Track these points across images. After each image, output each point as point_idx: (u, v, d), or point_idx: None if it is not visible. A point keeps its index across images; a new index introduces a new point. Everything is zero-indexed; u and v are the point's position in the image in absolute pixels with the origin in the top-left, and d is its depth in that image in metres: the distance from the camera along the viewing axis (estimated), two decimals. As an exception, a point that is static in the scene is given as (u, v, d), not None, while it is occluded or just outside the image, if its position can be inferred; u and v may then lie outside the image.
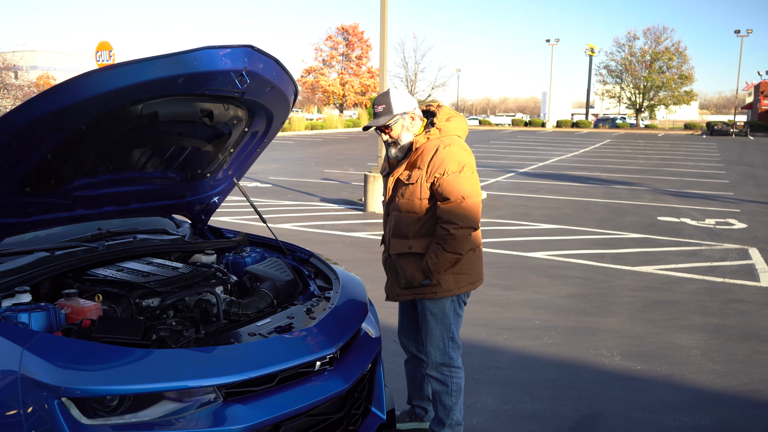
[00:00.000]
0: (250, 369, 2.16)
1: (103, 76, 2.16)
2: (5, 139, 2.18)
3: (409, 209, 2.96)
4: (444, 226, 2.86)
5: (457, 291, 2.99)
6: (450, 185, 2.86)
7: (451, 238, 2.84)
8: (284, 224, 9.32)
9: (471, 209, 2.87)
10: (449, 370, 3.06)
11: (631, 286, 6.40)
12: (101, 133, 2.44)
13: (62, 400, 1.90)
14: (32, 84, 38.91)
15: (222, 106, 2.70)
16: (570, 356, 4.49)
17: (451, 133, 2.98)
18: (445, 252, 2.87)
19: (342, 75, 57.61)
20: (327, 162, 20.61)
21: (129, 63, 2.21)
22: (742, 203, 12.42)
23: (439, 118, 3.02)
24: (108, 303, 2.57)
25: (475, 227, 2.92)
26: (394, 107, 2.93)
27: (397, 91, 3.00)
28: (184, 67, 2.28)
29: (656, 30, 61.24)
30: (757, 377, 4.18)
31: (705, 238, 8.84)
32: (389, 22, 11.22)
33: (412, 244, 2.97)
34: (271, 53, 2.62)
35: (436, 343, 3.04)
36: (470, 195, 2.87)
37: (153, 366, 2.06)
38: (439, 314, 3.02)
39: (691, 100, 63.65)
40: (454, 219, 2.84)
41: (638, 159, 23.54)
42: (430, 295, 2.98)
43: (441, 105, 3.13)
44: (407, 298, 3.09)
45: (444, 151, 2.89)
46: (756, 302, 5.87)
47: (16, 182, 2.40)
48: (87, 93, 2.17)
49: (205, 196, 3.44)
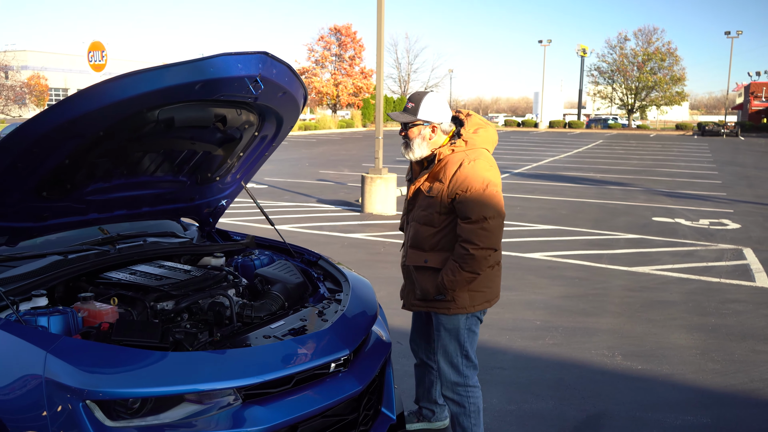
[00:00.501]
0: (268, 371, 2.20)
1: (122, 84, 2.20)
2: (25, 145, 2.22)
3: (427, 222, 2.88)
4: (464, 245, 2.75)
5: (472, 309, 2.89)
6: (472, 204, 2.73)
7: (470, 257, 2.74)
8: (282, 226, 9.34)
9: (493, 230, 2.75)
10: (465, 390, 2.96)
11: (629, 286, 6.47)
12: (118, 138, 2.49)
13: (86, 403, 1.93)
14: (23, 84, 38.69)
15: (235, 111, 2.74)
16: (572, 356, 4.55)
17: (478, 146, 2.86)
18: (463, 271, 2.77)
19: (335, 75, 57.59)
20: (322, 163, 20.63)
21: (147, 70, 2.25)
22: (735, 203, 12.55)
23: (467, 129, 2.88)
24: (123, 306, 2.59)
25: (496, 248, 2.80)
26: (421, 112, 2.83)
27: (433, 98, 2.85)
28: (201, 73, 2.33)
29: (647, 31, 61.59)
30: (756, 376, 4.25)
31: (699, 239, 8.94)
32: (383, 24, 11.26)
33: (429, 258, 2.89)
34: (283, 59, 2.67)
35: (449, 360, 2.96)
36: (493, 215, 2.74)
37: (173, 369, 2.09)
38: (452, 330, 2.94)
39: (683, 101, 64.13)
40: (475, 239, 2.72)
41: (631, 159, 23.71)
42: (443, 310, 2.91)
43: (471, 113, 2.98)
44: (421, 309, 3.04)
45: (468, 166, 2.77)
46: (752, 302, 5.95)
47: (33, 187, 2.43)
48: (106, 100, 2.21)
49: (213, 199, 3.47)
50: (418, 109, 2.82)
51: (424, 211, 2.88)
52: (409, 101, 2.85)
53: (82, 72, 56.37)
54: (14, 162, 2.28)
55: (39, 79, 52.85)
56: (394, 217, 10.45)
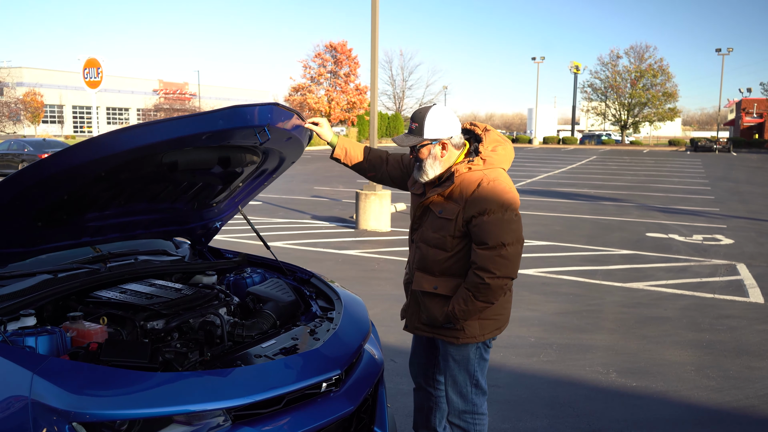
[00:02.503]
0: (258, 391, 2.17)
1: (133, 134, 2.26)
2: (24, 187, 2.26)
3: (439, 245, 2.65)
4: (479, 274, 2.53)
5: (482, 338, 2.72)
6: (490, 228, 2.52)
7: (485, 287, 2.53)
8: (276, 242, 9.32)
9: (511, 257, 2.54)
10: (472, 417, 2.82)
11: (623, 302, 6.46)
12: (120, 177, 2.54)
13: (73, 425, 1.90)
14: (18, 101, 38.71)
15: (239, 153, 2.83)
16: (566, 373, 4.52)
17: (497, 165, 2.64)
18: (476, 301, 2.57)
19: (330, 92, 57.87)
20: (316, 179, 20.64)
21: (158, 122, 2.30)
22: (729, 219, 12.60)
23: (485, 147, 2.65)
24: (113, 326, 2.57)
25: (514, 277, 2.59)
26: (427, 131, 2.59)
27: (437, 113, 2.61)
28: (210, 125, 2.39)
29: (639, 48, 62.32)
30: (752, 393, 4.23)
31: (693, 254, 8.96)
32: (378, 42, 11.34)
33: (438, 284, 2.67)
34: (292, 108, 2.76)
35: (458, 390, 2.80)
36: (512, 242, 2.53)
37: (162, 390, 2.06)
38: (462, 360, 2.76)
39: (675, 117, 64.70)
40: (491, 267, 2.51)
41: (625, 175, 23.82)
42: (451, 339, 2.72)
43: (489, 128, 2.75)
44: (427, 335, 2.84)
45: (487, 187, 2.55)
46: (746, 318, 5.95)
47: (29, 217, 2.45)
48: (117, 149, 2.26)
49: (208, 222, 3.48)
50: (423, 128, 2.59)
51: (436, 233, 2.66)
52: (413, 121, 2.64)
53: (78, 89, 56.53)
54: (14, 199, 2.30)
55: (35, 95, 52.90)
56: (389, 233, 10.44)
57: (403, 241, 9.74)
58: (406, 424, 3.72)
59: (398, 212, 12.79)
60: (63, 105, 65.85)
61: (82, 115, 68.14)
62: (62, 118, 65.74)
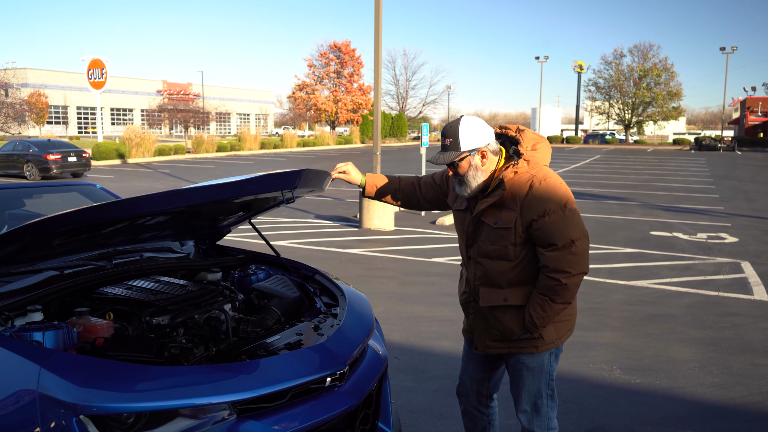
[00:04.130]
0: (263, 386, 2.18)
1: (159, 198, 2.30)
2: (48, 234, 2.33)
3: (501, 256, 2.54)
4: (553, 276, 2.45)
5: (559, 342, 2.64)
6: (555, 228, 2.44)
7: (562, 288, 2.45)
8: (281, 241, 9.34)
9: (582, 252, 2.47)
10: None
11: (627, 300, 6.46)
12: (141, 220, 2.67)
13: (80, 418, 1.92)
14: (23, 102, 38.84)
15: (262, 200, 2.98)
16: (571, 370, 4.53)
17: (541, 164, 2.56)
18: (555, 304, 2.48)
19: (335, 92, 57.93)
20: (320, 179, 20.67)
21: (186, 191, 2.35)
22: (733, 217, 12.57)
23: (525, 147, 2.57)
24: (119, 321, 2.59)
25: (587, 271, 2.51)
26: (462, 143, 2.50)
27: (469, 123, 2.53)
28: (239, 191, 2.49)
29: (643, 47, 62.15)
30: (755, 389, 4.23)
31: (697, 252, 8.95)
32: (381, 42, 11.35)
33: (508, 296, 2.56)
34: (321, 169, 2.88)
35: (533, 403, 2.67)
36: (580, 236, 2.47)
37: (168, 384, 2.08)
38: (537, 369, 2.64)
39: (679, 116, 64.53)
40: (565, 267, 2.43)
41: (629, 174, 23.78)
42: (530, 349, 2.60)
43: (522, 129, 2.64)
44: (501, 351, 2.69)
45: (540, 187, 2.47)
46: (750, 315, 5.94)
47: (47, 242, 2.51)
48: (142, 210, 2.33)
49: (216, 231, 3.55)
50: (459, 141, 2.50)
51: (495, 245, 2.54)
52: (445, 137, 2.55)
53: (83, 89, 56.75)
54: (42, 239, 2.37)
55: (39, 96, 53.09)
56: (392, 232, 10.46)
57: (407, 239, 9.76)
58: (411, 420, 3.74)
59: (401, 211, 12.80)
60: (68, 106, 66.07)
61: (87, 115, 68.39)
62: (67, 119, 65.96)
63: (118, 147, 29.89)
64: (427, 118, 75.07)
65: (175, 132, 65.58)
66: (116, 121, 71.03)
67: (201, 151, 35.22)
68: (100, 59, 33.39)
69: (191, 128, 41.74)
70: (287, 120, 68.84)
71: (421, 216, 12.24)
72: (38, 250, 2.56)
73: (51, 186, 4.33)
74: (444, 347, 4.99)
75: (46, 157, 19.86)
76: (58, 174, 20.11)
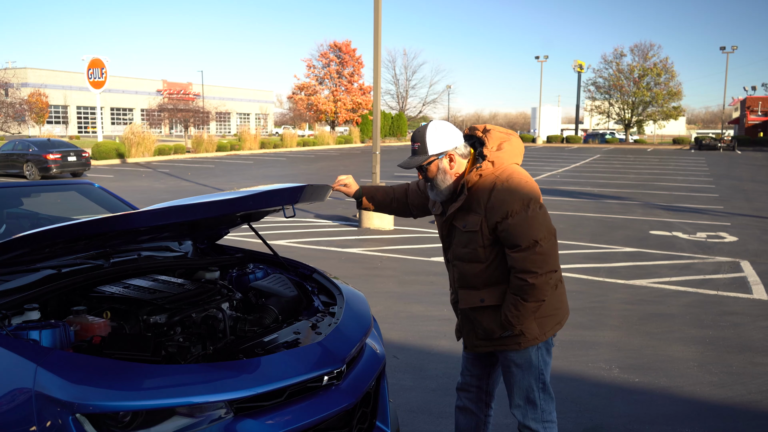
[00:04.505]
0: (260, 384, 2.18)
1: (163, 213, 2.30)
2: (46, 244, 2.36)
3: (472, 259, 2.58)
4: (520, 276, 2.46)
5: (544, 337, 2.63)
6: (518, 229, 2.45)
7: (530, 288, 2.45)
8: (280, 240, 9.34)
9: (548, 252, 2.46)
10: (543, 426, 2.69)
11: (626, 299, 6.45)
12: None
13: (76, 417, 1.92)
14: (23, 101, 38.82)
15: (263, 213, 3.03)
16: (569, 369, 4.52)
17: (506, 163, 2.56)
18: (526, 303, 2.49)
19: (335, 92, 57.93)
20: (320, 178, 20.66)
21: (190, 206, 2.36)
22: (732, 216, 12.56)
23: (489, 148, 2.56)
24: (116, 320, 2.58)
25: (556, 269, 2.52)
26: (430, 147, 2.54)
27: (436, 127, 2.57)
28: (241, 207, 2.49)
29: (643, 47, 62.13)
30: (754, 388, 4.23)
31: (697, 252, 8.94)
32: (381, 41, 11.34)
33: (484, 297, 2.60)
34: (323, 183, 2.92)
35: (526, 397, 2.68)
36: (544, 236, 2.46)
37: (165, 382, 2.08)
38: (525, 365, 2.65)
39: (679, 115, 64.51)
40: (531, 267, 2.44)
41: (629, 174, 23.77)
42: (513, 346, 2.63)
43: (489, 128, 2.64)
44: (487, 350, 2.74)
45: (502, 188, 2.48)
46: (749, 314, 5.94)
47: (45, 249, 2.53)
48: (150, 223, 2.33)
49: (216, 232, 3.56)
50: (426, 145, 2.55)
51: (465, 248, 2.59)
52: (414, 142, 2.60)
53: (83, 89, 56.72)
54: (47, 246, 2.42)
55: (39, 96, 53.08)
56: (392, 231, 10.45)
57: (406, 239, 9.76)
58: (408, 419, 3.73)
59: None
60: (68, 105, 66.08)
61: (87, 115, 68.38)
62: (67, 119, 65.96)
63: (117, 147, 29.88)
64: (428, 117, 75.07)
65: (175, 132, 65.59)
66: (116, 121, 71.03)
67: (201, 151, 35.21)
68: (100, 59, 33.39)
69: (191, 128, 41.73)
70: (287, 120, 68.85)
71: (420, 215, 12.24)
72: (35, 254, 2.57)
73: (49, 185, 4.33)
74: (443, 346, 4.98)
75: (45, 156, 19.85)
76: (58, 174, 20.11)
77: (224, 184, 18.25)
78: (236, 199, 2.41)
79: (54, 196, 4.36)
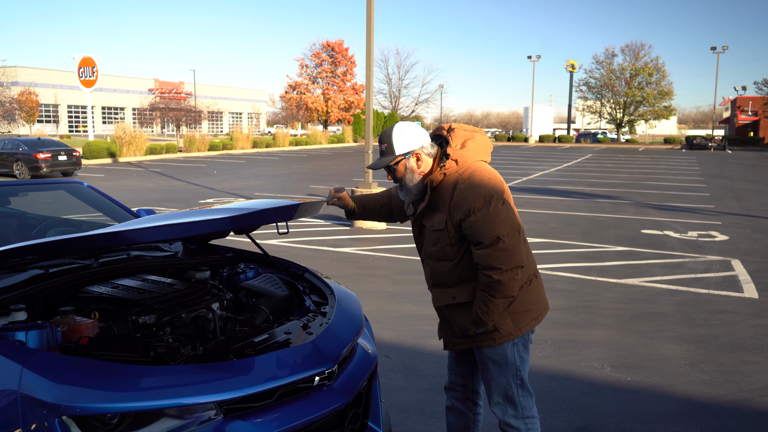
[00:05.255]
0: (250, 385, 2.16)
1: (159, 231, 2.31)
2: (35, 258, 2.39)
3: (442, 257, 2.62)
4: (485, 273, 2.48)
5: (519, 333, 2.63)
6: (481, 226, 2.46)
7: (496, 284, 2.47)
8: (272, 240, 9.30)
9: (511, 248, 2.47)
10: (524, 423, 2.70)
11: (618, 298, 6.47)
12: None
13: (63, 419, 1.89)
14: (13, 100, 38.52)
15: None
16: (561, 368, 4.52)
17: (470, 161, 2.58)
18: (495, 299, 2.50)
19: (327, 91, 57.86)
20: (312, 178, 20.62)
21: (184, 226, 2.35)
22: (723, 216, 12.63)
23: (453, 147, 2.59)
24: (104, 320, 2.55)
25: (522, 264, 2.51)
26: (397, 147, 2.60)
27: (402, 128, 2.62)
28: (235, 225, 2.49)
29: (634, 46, 62.41)
30: (745, 386, 4.24)
31: (688, 251, 8.98)
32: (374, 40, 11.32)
33: (456, 294, 2.63)
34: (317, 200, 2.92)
35: (503, 393, 2.69)
36: (507, 232, 2.46)
37: (153, 383, 2.05)
38: (501, 361, 2.66)
39: (671, 115, 64.86)
40: (495, 263, 2.45)
41: (620, 173, 23.86)
42: (488, 342, 2.64)
43: (453, 127, 2.68)
44: (464, 347, 2.75)
45: (464, 186, 2.51)
46: (740, 313, 5.97)
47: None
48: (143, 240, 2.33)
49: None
50: (393, 146, 2.61)
51: (434, 247, 2.63)
52: (381, 143, 2.66)
53: (73, 88, 56.27)
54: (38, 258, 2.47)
55: (30, 95, 52.68)
56: (384, 231, 10.44)
57: (399, 238, 9.75)
58: (401, 419, 3.72)
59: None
60: (58, 104, 65.64)
61: (78, 114, 67.95)
62: (57, 118, 65.52)
63: (109, 146, 29.70)
64: (420, 117, 75.11)
65: (167, 131, 65.27)
66: (107, 120, 70.62)
67: (193, 150, 35.07)
68: (91, 57, 33.17)
69: (183, 127, 41.54)
70: (279, 119, 68.67)
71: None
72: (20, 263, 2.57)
73: (38, 184, 4.28)
74: (435, 346, 4.97)
75: (35, 155, 19.70)
76: (48, 173, 19.96)
77: (216, 184, 18.17)
78: (231, 218, 2.41)
79: (43, 196, 4.32)
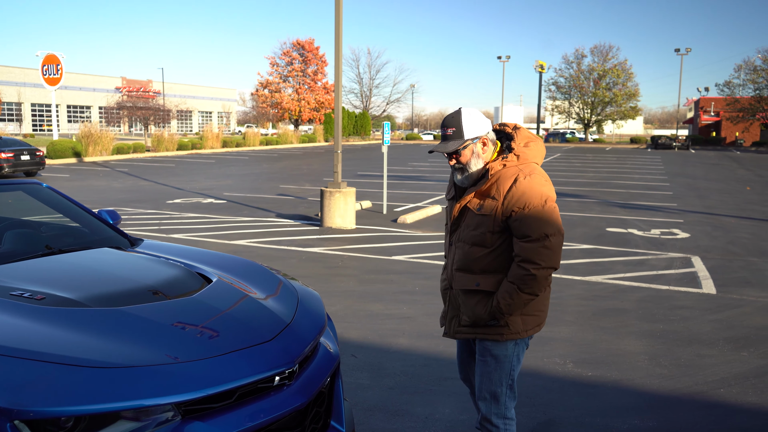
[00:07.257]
0: (209, 386, 2.16)
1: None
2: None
3: (478, 242, 2.68)
4: (523, 266, 2.57)
5: (524, 334, 2.72)
6: (532, 221, 2.56)
7: (531, 278, 2.56)
8: (240, 240, 9.24)
9: (554, 248, 2.58)
10: (504, 423, 2.79)
11: (582, 295, 6.59)
12: None
13: (15, 423, 1.86)
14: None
15: None
16: (524, 365, 4.59)
17: (531, 161, 2.69)
18: (522, 293, 2.59)
19: (299, 91, 57.56)
20: (282, 177, 20.50)
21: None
22: (685, 213, 12.95)
23: (517, 143, 2.70)
24: None
25: (557, 267, 2.62)
26: (466, 131, 2.65)
27: (470, 113, 2.68)
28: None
29: (603, 48, 63.54)
30: (701, 379, 4.37)
31: (651, 248, 9.19)
32: (344, 38, 11.32)
33: (480, 281, 2.69)
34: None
35: (492, 389, 2.77)
36: (554, 233, 2.58)
37: (108, 385, 2.03)
38: (501, 357, 2.74)
39: (637, 115, 66.18)
40: (536, 258, 2.56)
41: (587, 172, 24.27)
42: (494, 336, 2.72)
43: (518, 126, 2.80)
44: (467, 336, 2.81)
45: (524, 181, 2.59)
46: (698, 308, 6.14)
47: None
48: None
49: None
50: (463, 130, 2.65)
51: (474, 231, 2.68)
52: (447, 128, 2.69)
53: (37, 86, 55.03)
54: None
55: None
56: (354, 230, 10.45)
57: (368, 237, 9.76)
58: (365, 417, 3.74)
59: (363, 210, 12.81)
60: (21, 103, 64.02)
61: (42, 113, 66.36)
62: (21, 116, 63.90)
63: (74, 145, 29.08)
64: (392, 116, 75.23)
65: (135, 130, 64.19)
66: (73, 119, 69.10)
67: (161, 150, 34.55)
68: (56, 55, 32.40)
69: (151, 126, 40.91)
70: (250, 118, 68.11)
71: (382, 214, 12.26)
72: None
73: (-6, 185, 4.18)
74: (401, 344, 5.01)
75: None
76: (10, 173, 19.45)
77: (185, 183, 17.95)
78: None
79: (2, 197, 4.22)
